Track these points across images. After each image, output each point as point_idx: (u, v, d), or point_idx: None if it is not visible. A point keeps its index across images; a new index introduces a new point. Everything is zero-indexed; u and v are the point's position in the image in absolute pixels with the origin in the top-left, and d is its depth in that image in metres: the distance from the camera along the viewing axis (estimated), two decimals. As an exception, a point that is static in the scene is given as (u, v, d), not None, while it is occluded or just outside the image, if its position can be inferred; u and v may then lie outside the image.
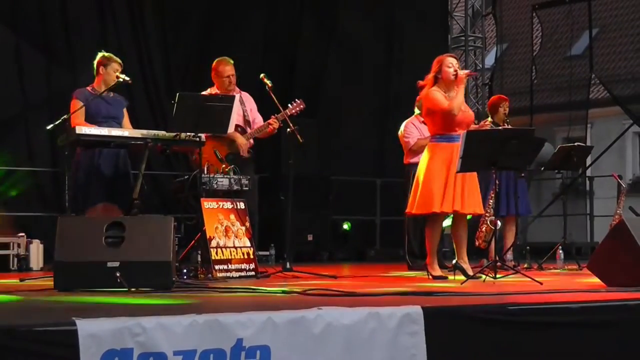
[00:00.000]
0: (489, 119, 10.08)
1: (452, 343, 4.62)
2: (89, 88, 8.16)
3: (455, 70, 7.76)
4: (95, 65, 8.19)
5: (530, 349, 4.84)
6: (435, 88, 7.81)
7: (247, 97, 8.92)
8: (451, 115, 7.68)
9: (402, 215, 10.46)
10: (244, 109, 8.79)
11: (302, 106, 8.80)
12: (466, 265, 7.79)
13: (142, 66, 12.79)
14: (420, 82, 8.06)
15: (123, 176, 8.06)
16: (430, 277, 7.80)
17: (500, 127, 9.56)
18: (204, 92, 8.62)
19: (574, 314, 5.09)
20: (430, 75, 7.88)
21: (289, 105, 8.76)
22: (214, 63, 8.80)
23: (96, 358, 3.70)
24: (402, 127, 9.89)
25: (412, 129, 9.81)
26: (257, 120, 8.91)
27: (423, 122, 9.86)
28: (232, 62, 8.77)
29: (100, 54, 8.22)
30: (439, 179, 7.64)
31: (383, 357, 4.34)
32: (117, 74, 8.05)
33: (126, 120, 8.25)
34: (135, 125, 8.43)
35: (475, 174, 7.80)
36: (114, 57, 8.16)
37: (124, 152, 8.08)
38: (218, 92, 8.62)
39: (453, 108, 7.67)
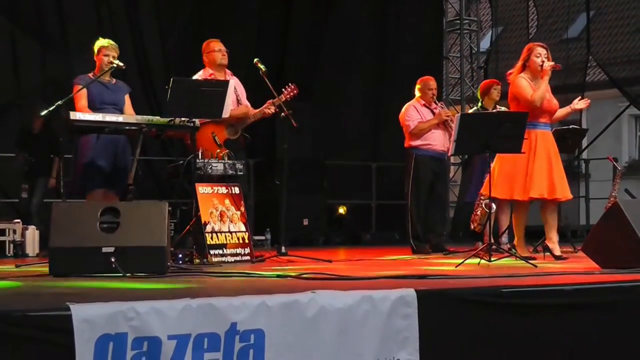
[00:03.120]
0: (480, 103, 10.07)
1: (446, 326, 4.64)
2: (90, 75, 8.15)
3: (543, 61, 7.99)
4: (95, 52, 8.18)
5: (524, 332, 4.86)
6: (522, 75, 8.07)
7: (237, 82, 8.91)
8: (534, 105, 7.91)
9: (400, 199, 10.48)
10: (237, 94, 8.79)
11: (295, 91, 8.79)
12: (553, 245, 8.09)
13: (137, 52, 12.78)
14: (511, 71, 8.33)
15: (122, 165, 8.05)
16: (517, 257, 7.78)
17: (492, 111, 9.57)
18: (195, 76, 8.62)
19: (568, 296, 5.10)
20: (519, 63, 8.13)
21: (283, 90, 8.75)
22: (204, 44, 8.81)
23: (90, 343, 3.71)
24: (403, 110, 9.86)
25: (413, 112, 9.77)
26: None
27: (424, 104, 9.87)
28: (219, 41, 8.78)
29: (97, 41, 8.20)
30: (521, 165, 7.87)
31: (376, 340, 4.36)
32: (110, 59, 8.04)
33: (128, 106, 8.23)
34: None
35: (559, 155, 8.14)
36: (112, 44, 8.14)
37: (123, 140, 8.08)
38: (213, 73, 8.61)
39: (535, 100, 7.95)
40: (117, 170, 8.00)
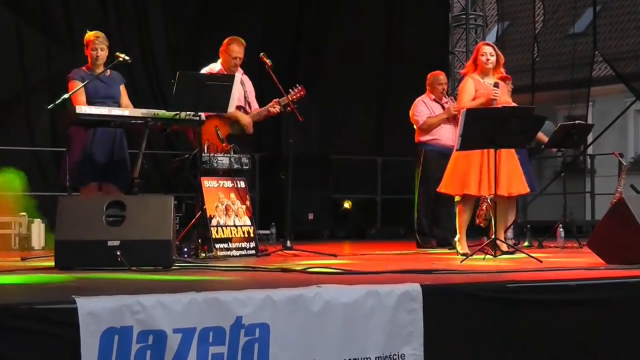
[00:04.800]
0: None
1: (451, 320, 4.64)
2: (84, 68, 8.14)
3: (487, 59, 8.33)
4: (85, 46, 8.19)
5: (529, 327, 4.86)
6: (472, 75, 8.41)
7: (247, 80, 8.90)
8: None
9: (405, 194, 10.48)
10: (245, 89, 8.78)
11: (302, 92, 8.76)
12: (504, 242, 8.14)
13: (143, 46, 12.77)
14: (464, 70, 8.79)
15: (119, 157, 8.04)
16: (458, 253, 7.94)
17: (498, 106, 9.55)
18: (205, 69, 8.62)
19: (573, 291, 5.11)
20: (470, 62, 8.56)
21: (290, 90, 8.74)
22: (227, 39, 8.76)
23: (96, 336, 3.71)
24: (413, 105, 9.88)
25: (422, 108, 9.80)
26: (253, 105, 8.88)
27: (435, 99, 9.90)
28: (244, 44, 8.73)
29: (86, 34, 8.20)
30: (475, 162, 7.94)
31: (381, 335, 4.36)
32: (99, 52, 8.04)
33: (124, 97, 8.20)
34: (136, 105, 8.40)
35: (514, 153, 8.15)
36: (100, 36, 8.09)
37: (120, 132, 8.08)
38: (222, 68, 8.61)
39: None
40: (114, 163, 7.98)
